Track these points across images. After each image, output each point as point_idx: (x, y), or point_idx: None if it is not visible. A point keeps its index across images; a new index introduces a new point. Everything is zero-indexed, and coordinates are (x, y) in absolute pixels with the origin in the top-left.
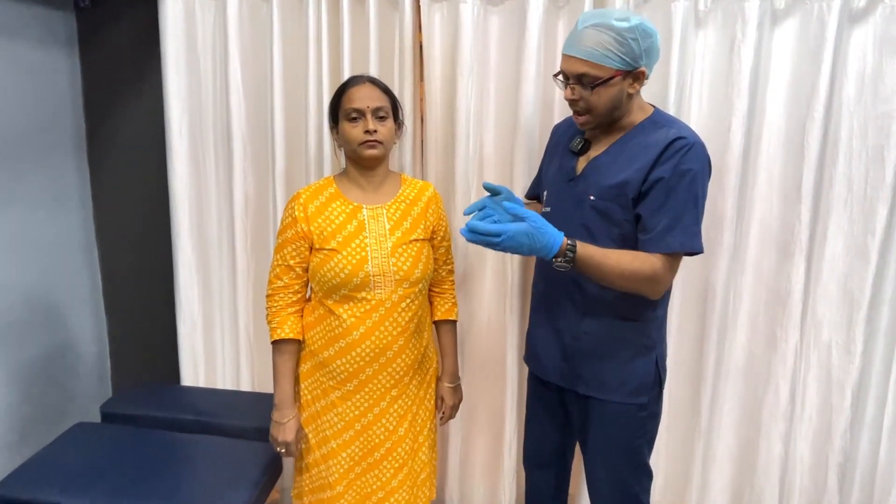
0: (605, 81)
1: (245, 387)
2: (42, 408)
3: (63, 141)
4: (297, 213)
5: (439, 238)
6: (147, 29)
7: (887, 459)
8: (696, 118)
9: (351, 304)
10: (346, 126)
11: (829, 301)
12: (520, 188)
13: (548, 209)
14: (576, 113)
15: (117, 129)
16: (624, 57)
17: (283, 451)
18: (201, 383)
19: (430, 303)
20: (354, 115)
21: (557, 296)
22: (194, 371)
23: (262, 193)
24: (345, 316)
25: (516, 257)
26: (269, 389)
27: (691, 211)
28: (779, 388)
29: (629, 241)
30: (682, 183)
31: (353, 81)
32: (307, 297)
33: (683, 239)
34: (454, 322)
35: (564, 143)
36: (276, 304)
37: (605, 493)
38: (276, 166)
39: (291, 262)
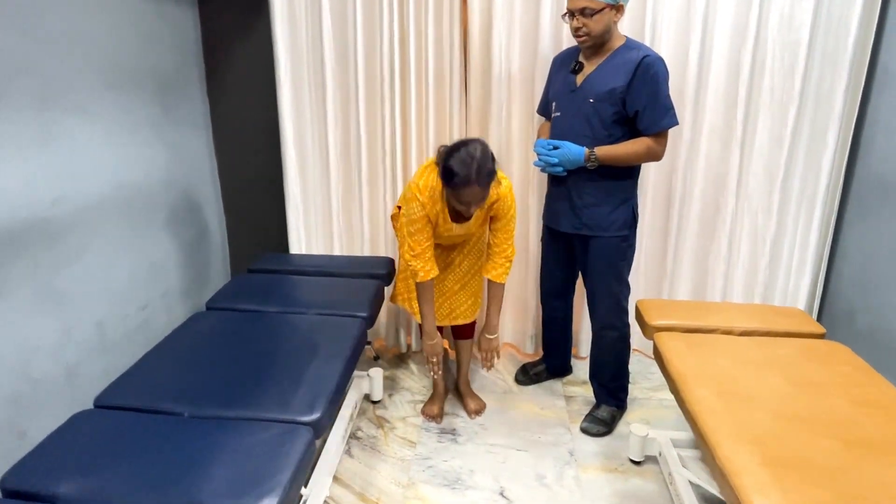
0: (599, 11)
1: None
2: (196, 269)
3: (193, 79)
4: (421, 208)
5: (499, 214)
6: None
7: (794, 287)
8: (665, 48)
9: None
10: (454, 202)
11: (756, 178)
12: (538, 102)
13: (558, 114)
14: (578, 37)
15: (229, 70)
16: None
17: (434, 360)
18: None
19: (487, 258)
20: (461, 206)
21: (569, 174)
22: (298, 245)
23: (346, 113)
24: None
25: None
26: (353, 253)
27: (665, 99)
28: (720, 241)
29: (614, 123)
30: (655, 83)
31: (467, 182)
32: None
33: (666, 120)
34: (502, 285)
35: (563, 68)
36: (422, 260)
37: (600, 300)
38: (359, 93)
39: (425, 232)
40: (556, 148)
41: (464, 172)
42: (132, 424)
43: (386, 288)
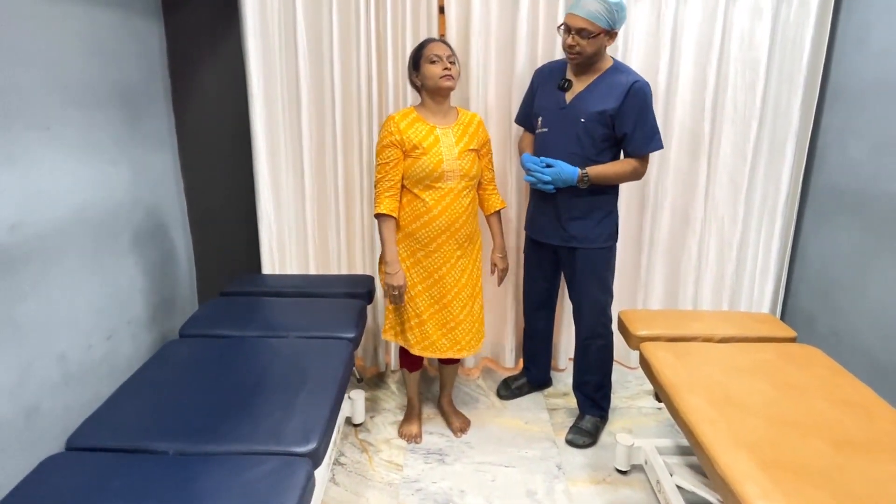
0: (596, 35)
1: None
2: (163, 294)
3: (158, 94)
4: (392, 128)
5: (484, 150)
6: (224, 1)
7: (759, 292)
8: (636, 63)
9: (431, 191)
10: (428, 67)
11: (722, 188)
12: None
13: (545, 129)
14: (570, 54)
15: (195, 85)
16: (609, 21)
17: (396, 293)
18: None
19: (482, 201)
20: (434, 58)
21: (557, 189)
22: (272, 265)
23: (321, 128)
24: (427, 199)
25: (513, 170)
26: (329, 272)
27: (652, 124)
28: (691, 249)
29: (604, 142)
30: (644, 109)
31: (430, 40)
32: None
33: (652, 144)
34: (500, 210)
35: (551, 83)
36: (378, 190)
37: (586, 310)
38: (335, 107)
39: (390, 162)
40: (548, 166)
41: (426, 39)
42: (112, 467)
43: (368, 307)
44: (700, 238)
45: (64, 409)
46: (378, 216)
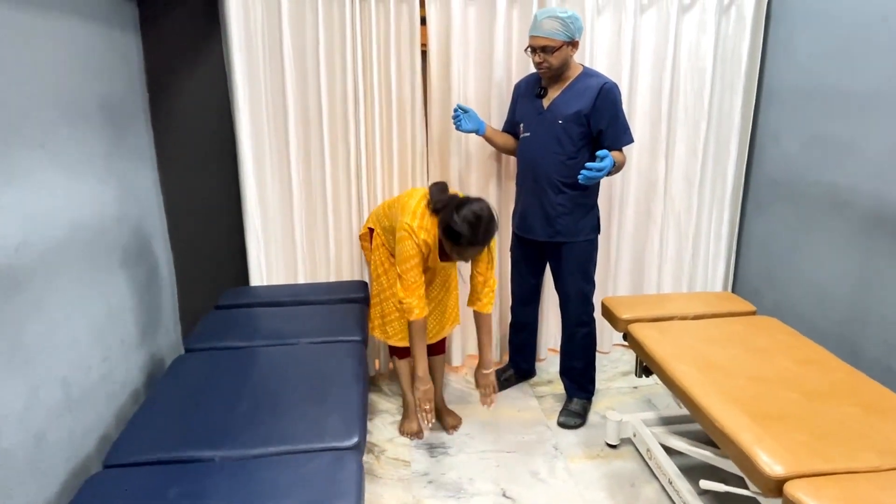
0: (558, 49)
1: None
2: (149, 312)
3: (138, 108)
4: (419, 243)
5: (484, 257)
6: (203, 14)
7: (712, 274)
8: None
9: None
10: (455, 253)
11: (678, 184)
12: (495, 123)
13: (527, 134)
14: (541, 69)
15: (174, 99)
16: (567, 34)
17: (427, 406)
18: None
19: (470, 293)
20: (461, 258)
21: (543, 185)
22: (260, 277)
23: (307, 139)
24: None
25: (497, 171)
26: (318, 280)
27: (623, 120)
28: (653, 240)
29: (580, 140)
30: (614, 107)
31: (475, 246)
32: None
33: (625, 137)
34: (489, 315)
35: (528, 93)
36: (415, 297)
37: (572, 300)
38: (322, 117)
39: (419, 264)
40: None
41: (470, 234)
42: (162, 478)
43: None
44: (661, 230)
45: (69, 434)
46: (414, 321)
